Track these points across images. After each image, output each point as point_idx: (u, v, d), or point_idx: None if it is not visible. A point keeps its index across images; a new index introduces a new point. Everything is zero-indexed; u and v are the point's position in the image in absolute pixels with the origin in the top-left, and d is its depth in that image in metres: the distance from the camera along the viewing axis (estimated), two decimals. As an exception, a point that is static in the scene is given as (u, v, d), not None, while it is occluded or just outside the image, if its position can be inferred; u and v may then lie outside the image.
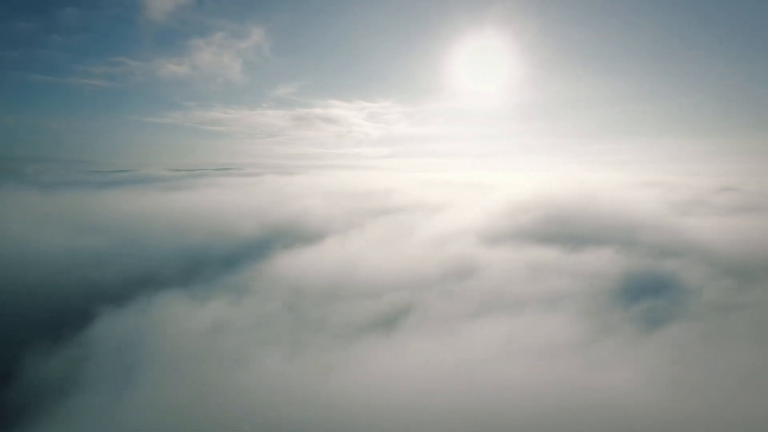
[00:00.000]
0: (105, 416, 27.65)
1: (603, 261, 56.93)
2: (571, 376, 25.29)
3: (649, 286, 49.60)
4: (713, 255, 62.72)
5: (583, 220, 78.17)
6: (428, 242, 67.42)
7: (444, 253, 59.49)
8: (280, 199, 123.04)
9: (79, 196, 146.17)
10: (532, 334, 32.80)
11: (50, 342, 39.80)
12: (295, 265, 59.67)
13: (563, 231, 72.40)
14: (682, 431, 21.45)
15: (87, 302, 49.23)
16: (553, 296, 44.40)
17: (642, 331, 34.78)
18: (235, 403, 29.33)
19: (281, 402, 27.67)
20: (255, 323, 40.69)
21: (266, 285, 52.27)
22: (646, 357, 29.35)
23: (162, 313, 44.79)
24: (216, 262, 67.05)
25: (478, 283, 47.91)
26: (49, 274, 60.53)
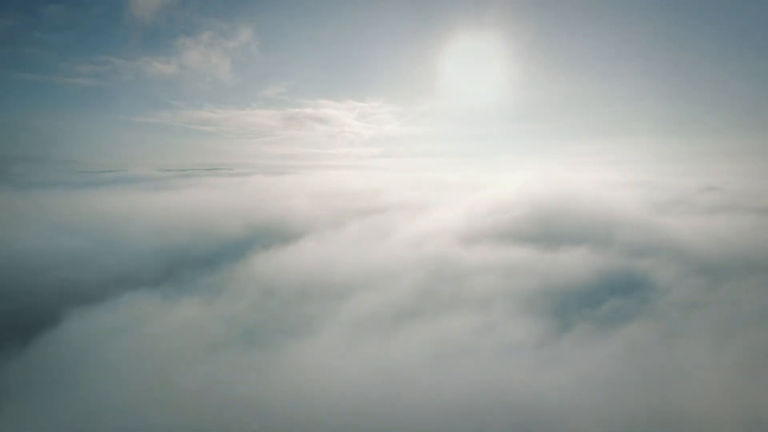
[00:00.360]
0: (58, 417, 27.60)
1: (576, 260, 57.41)
2: (513, 377, 25.53)
3: (619, 285, 50.10)
4: (687, 254, 63.41)
5: (562, 220, 78.70)
6: (405, 242, 67.62)
7: (418, 254, 59.70)
8: (265, 200, 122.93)
9: (63, 196, 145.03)
10: (489, 334, 33.02)
11: (16, 344, 39.57)
12: (270, 265, 59.67)
13: (541, 231, 72.89)
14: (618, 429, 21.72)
15: (60, 303, 48.97)
16: (519, 296, 44.75)
17: (600, 330, 35.13)
18: (193, 401, 29.50)
19: (235, 400, 27.82)
20: (221, 323, 40.68)
21: (239, 285, 52.23)
22: (597, 356, 29.68)
23: (132, 314, 44.71)
24: (194, 263, 66.85)
25: (447, 283, 48.14)
26: (23, 274, 60.20)
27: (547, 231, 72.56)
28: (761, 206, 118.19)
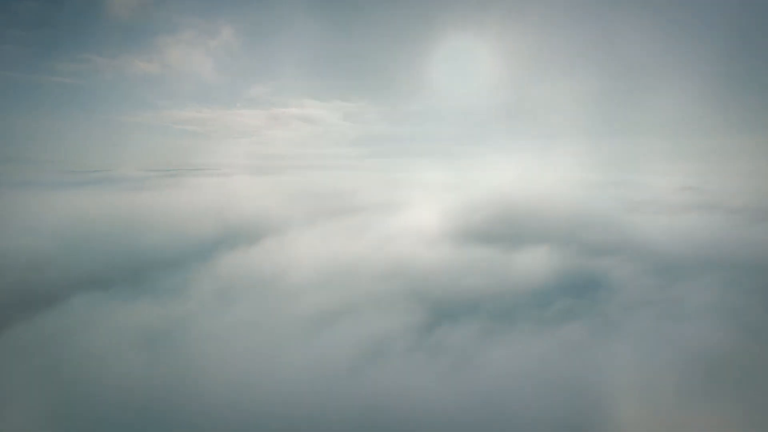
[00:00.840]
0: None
1: (535, 260, 57.85)
2: (424, 378, 25.70)
3: (573, 285, 50.55)
4: (647, 253, 64.09)
5: (530, 220, 79.29)
6: (370, 243, 67.71)
7: (379, 254, 59.82)
8: (241, 200, 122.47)
9: (41, 196, 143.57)
10: (419, 335, 33.20)
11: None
12: (233, 265, 59.50)
13: (508, 230, 73.40)
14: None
15: (16, 305, 48.60)
16: (473, 297, 45.03)
17: (539, 330, 35.43)
18: (133, 402, 29.41)
19: (174, 400, 27.78)
20: (171, 324, 40.49)
21: (198, 286, 52.02)
22: (525, 356, 29.93)
23: (83, 316, 44.42)
24: (159, 263, 66.45)
25: (404, 283, 48.29)
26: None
27: (514, 230, 73.09)
28: (734, 206, 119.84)
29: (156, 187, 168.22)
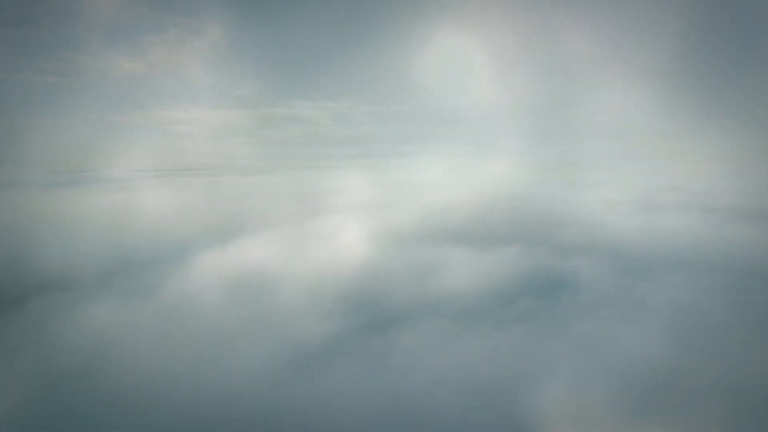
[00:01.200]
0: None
1: (506, 260, 57.77)
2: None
3: (540, 285, 50.50)
4: (620, 253, 64.17)
5: (506, 220, 79.32)
6: (345, 244, 67.43)
7: (354, 255, 59.53)
8: (223, 201, 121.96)
9: (23, 197, 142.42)
10: (376, 338, 32.99)
11: None
12: (201, 267, 59.03)
13: (482, 230, 73.34)
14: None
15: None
16: (437, 297, 44.85)
17: (495, 332, 35.29)
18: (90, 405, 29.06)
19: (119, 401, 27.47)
20: (133, 327, 40.11)
21: (164, 287, 51.58)
22: (469, 358, 29.77)
23: (40, 318, 43.92)
24: (131, 265, 65.92)
25: (369, 285, 48.06)
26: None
27: (488, 230, 73.02)
28: (717, 205, 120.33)
29: (142, 188, 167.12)
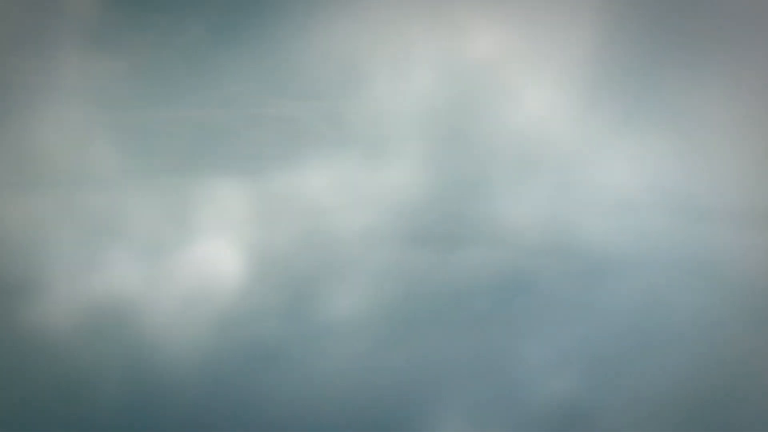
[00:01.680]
0: None
1: (467, 261, 56.09)
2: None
3: (499, 287, 48.86)
4: (587, 253, 62.87)
5: (469, 219, 77.78)
6: (314, 243, 65.47)
7: (313, 255, 57.53)
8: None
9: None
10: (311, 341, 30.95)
11: None
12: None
13: (445, 230, 71.67)
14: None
15: None
16: (387, 299, 42.93)
17: (442, 336, 33.44)
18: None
19: None
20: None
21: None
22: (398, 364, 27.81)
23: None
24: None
25: (324, 287, 46.08)
26: None
27: (452, 231, 71.36)
28: (701, 205, 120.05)
29: (121, 190, 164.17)
